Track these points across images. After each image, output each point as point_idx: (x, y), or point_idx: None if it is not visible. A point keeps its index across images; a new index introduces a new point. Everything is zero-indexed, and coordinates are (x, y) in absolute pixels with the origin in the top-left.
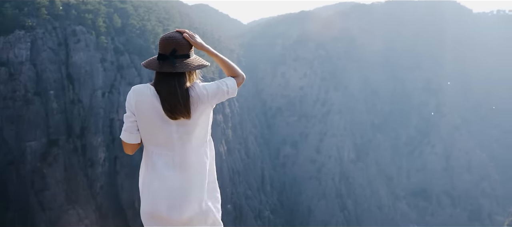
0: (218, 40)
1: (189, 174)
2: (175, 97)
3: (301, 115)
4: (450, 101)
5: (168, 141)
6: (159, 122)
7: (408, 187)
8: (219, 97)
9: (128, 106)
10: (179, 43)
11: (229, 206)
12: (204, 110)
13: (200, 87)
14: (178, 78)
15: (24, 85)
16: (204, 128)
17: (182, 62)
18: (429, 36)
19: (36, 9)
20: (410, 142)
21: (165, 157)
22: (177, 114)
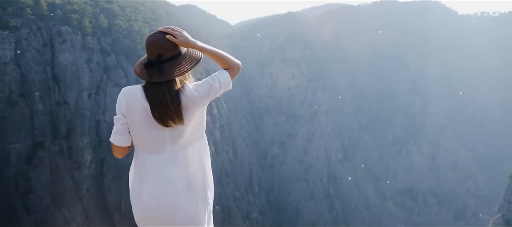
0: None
1: (180, 174)
2: (165, 104)
3: (288, 115)
4: (435, 101)
5: (159, 143)
6: (150, 125)
7: (395, 187)
8: (212, 95)
9: (119, 108)
10: (163, 46)
11: (217, 207)
12: (197, 111)
13: (191, 90)
14: (167, 84)
15: (8, 86)
16: (198, 125)
17: (170, 66)
18: (415, 37)
19: (21, 9)
20: (397, 142)
21: (156, 159)
22: (167, 122)
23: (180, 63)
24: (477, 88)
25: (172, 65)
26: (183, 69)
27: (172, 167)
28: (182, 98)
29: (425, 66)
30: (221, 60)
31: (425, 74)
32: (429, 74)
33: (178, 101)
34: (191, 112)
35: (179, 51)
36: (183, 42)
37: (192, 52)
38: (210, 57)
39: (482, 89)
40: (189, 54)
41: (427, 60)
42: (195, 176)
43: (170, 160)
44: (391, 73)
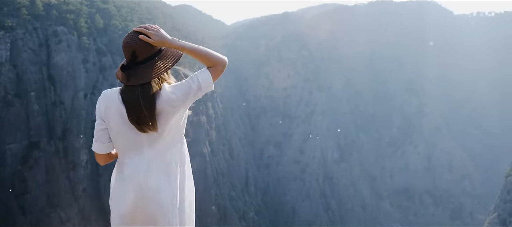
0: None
1: (159, 180)
2: (139, 108)
3: (285, 115)
4: (431, 101)
5: (137, 148)
6: (128, 130)
7: (391, 187)
8: (192, 97)
9: (98, 112)
10: (137, 47)
11: (214, 208)
12: (175, 114)
13: (168, 93)
14: (142, 87)
15: (4, 86)
16: (177, 129)
17: (146, 68)
18: (411, 37)
19: (16, 9)
20: (393, 142)
21: (134, 164)
22: (143, 126)
23: (156, 63)
24: (473, 88)
25: (148, 66)
26: (158, 71)
27: (151, 173)
28: (158, 102)
29: (421, 66)
30: (204, 57)
31: (421, 74)
32: (425, 74)
33: (152, 105)
34: (169, 116)
35: (156, 51)
36: (158, 42)
37: (171, 50)
38: (191, 55)
39: (478, 89)
40: (168, 53)
41: (423, 60)
42: (174, 183)
43: (148, 165)
44: (387, 73)
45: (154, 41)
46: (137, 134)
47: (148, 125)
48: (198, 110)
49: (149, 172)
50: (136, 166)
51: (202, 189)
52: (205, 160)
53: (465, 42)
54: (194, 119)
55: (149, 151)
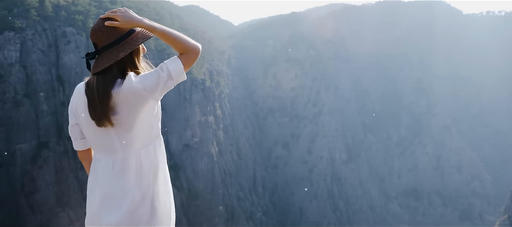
0: (209, 41)
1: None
2: (94, 100)
3: (292, 116)
4: (440, 101)
5: (109, 145)
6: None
7: (400, 187)
8: (161, 87)
9: (70, 108)
10: (96, 34)
11: (221, 208)
12: (142, 106)
13: (133, 82)
14: (98, 76)
15: (14, 86)
16: (150, 125)
17: (105, 55)
18: (420, 37)
19: (26, 10)
20: (401, 142)
21: (106, 162)
22: (99, 120)
23: (117, 50)
24: (482, 88)
25: (108, 53)
26: (112, 57)
27: (123, 173)
28: (117, 92)
29: (430, 66)
30: (174, 42)
31: (430, 74)
32: (434, 74)
33: (105, 96)
34: (135, 109)
35: (120, 36)
36: (125, 23)
37: (140, 34)
38: (162, 38)
39: (487, 88)
40: (134, 37)
41: (432, 59)
42: (145, 184)
43: (121, 165)
44: (395, 73)
45: (121, 22)
46: (105, 130)
47: (101, 119)
48: (205, 110)
49: (118, 173)
50: (105, 166)
51: (210, 189)
52: (213, 160)
53: (474, 41)
54: (202, 120)
55: (122, 150)
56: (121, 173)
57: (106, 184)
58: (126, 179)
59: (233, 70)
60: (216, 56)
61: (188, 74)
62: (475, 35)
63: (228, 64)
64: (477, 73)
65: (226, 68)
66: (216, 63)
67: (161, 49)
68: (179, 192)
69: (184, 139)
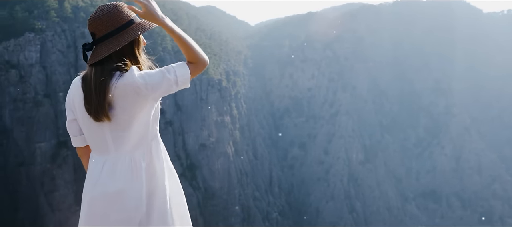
0: (225, 41)
1: (118, 181)
2: (91, 93)
3: (309, 116)
4: (460, 101)
5: (101, 143)
6: (90, 120)
7: (418, 188)
8: (165, 88)
9: (66, 103)
10: (95, 23)
11: (237, 208)
12: (141, 104)
13: (135, 76)
14: (96, 67)
15: (34, 87)
16: (147, 125)
17: (104, 45)
18: (438, 36)
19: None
20: (419, 143)
21: (99, 162)
22: (95, 114)
23: (116, 39)
24: (503, 88)
25: (107, 43)
26: (112, 46)
27: (116, 176)
28: (116, 85)
29: (448, 66)
30: (188, 49)
31: (449, 74)
32: (453, 74)
33: (102, 88)
34: (134, 106)
35: (120, 26)
36: (147, 14)
37: (141, 24)
38: (176, 41)
39: (508, 88)
40: (134, 27)
41: (451, 59)
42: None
43: (113, 166)
44: (413, 73)
45: (143, 12)
46: (99, 126)
47: (97, 113)
48: (222, 110)
49: (108, 174)
50: (100, 165)
51: (226, 189)
52: (229, 160)
53: (495, 41)
54: (218, 120)
55: (115, 149)
56: (111, 175)
57: (96, 186)
58: (116, 181)
59: (250, 70)
60: (232, 56)
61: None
62: (495, 34)
63: (244, 64)
64: (498, 73)
65: (242, 68)
66: (233, 63)
67: (178, 50)
68: (196, 191)
69: (200, 139)
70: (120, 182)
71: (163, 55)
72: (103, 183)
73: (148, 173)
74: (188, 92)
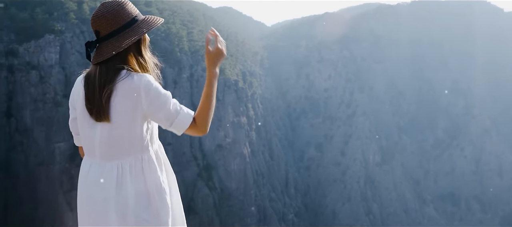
0: (242, 42)
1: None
2: (93, 92)
3: (325, 117)
4: (479, 102)
5: (90, 144)
6: (86, 120)
7: (436, 191)
8: (160, 117)
9: (70, 101)
10: (99, 21)
11: (253, 208)
12: (134, 112)
13: (145, 81)
14: (101, 66)
15: (54, 87)
16: (135, 136)
17: (109, 43)
18: (457, 36)
19: (65, 13)
20: (438, 144)
21: (87, 163)
22: (96, 115)
23: (122, 38)
24: None
25: (113, 41)
26: (117, 45)
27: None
28: (119, 84)
29: (468, 66)
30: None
31: (468, 74)
32: (472, 74)
33: (106, 87)
34: (129, 109)
35: (125, 24)
36: (215, 52)
37: (146, 22)
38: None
39: None
40: (139, 25)
41: (470, 59)
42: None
43: (98, 172)
44: (431, 73)
45: (213, 50)
46: (92, 127)
47: (101, 111)
48: (238, 111)
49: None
50: (87, 168)
51: (242, 189)
52: (245, 161)
53: None
54: (235, 120)
55: (99, 153)
56: (95, 179)
57: (84, 188)
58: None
59: (266, 71)
60: (248, 57)
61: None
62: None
63: (260, 65)
64: None
65: (258, 69)
66: (249, 64)
67: (195, 50)
68: (212, 192)
69: (217, 140)
70: (105, 190)
71: (180, 56)
72: (89, 188)
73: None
74: None
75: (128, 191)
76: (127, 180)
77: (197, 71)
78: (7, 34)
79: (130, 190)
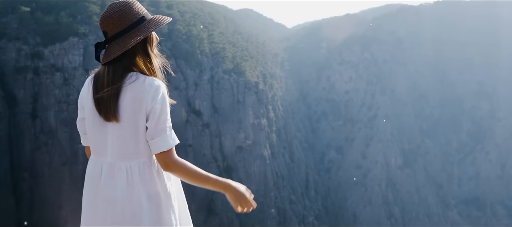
0: (262, 44)
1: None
2: (101, 89)
3: (346, 119)
4: (505, 105)
5: (101, 143)
6: (96, 120)
7: (460, 195)
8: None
9: (78, 101)
10: (106, 22)
11: (273, 211)
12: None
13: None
14: (109, 67)
15: (77, 89)
16: (140, 137)
17: (116, 44)
18: (482, 37)
19: (89, 17)
20: (462, 148)
21: (93, 164)
22: (105, 114)
23: (128, 37)
24: None
25: (119, 42)
26: (123, 45)
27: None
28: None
29: (493, 68)
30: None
31: (494, 76)
32: (498, 77)
33: (114, 87)
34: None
35: (132, 24)
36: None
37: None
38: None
39: None
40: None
41: (496, 61)
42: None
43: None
44: (455, 75)
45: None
46: (102, 127)
47: (109, 111)
48: (258, 113)
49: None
50: (92, 169)
51: (262, 191)
52: (265, 163)
53: None
54: (255, 122)
55: (111, 154)
56: (111, 181)
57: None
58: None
59: (286, 73)
60: (269, 59)
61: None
62: None
63: (281, 67)
64: None
65: (279, 71)
66: (270, 66)
67: (216, 52)
68: None
69: (237, 142)
70: (118, 190)
71: (200, 58)
72: (104, 189)
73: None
74: (225, 95)
75: (140, 193)
76: (138, 182)
77: (217, 73)
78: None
79: (142, 192)
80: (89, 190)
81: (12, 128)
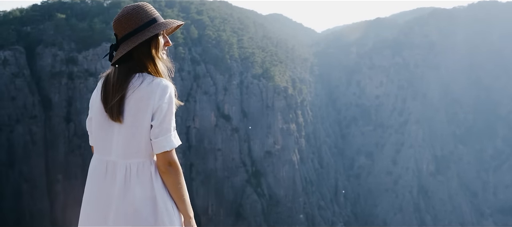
0: (292, 49)
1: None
2: (109, 91)
3: (377, 124)
4: None
5: (107, 142)
6: (103, 120)
7: (495, 204)
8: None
9: (90, 101)
10: (116, 24)
11: (301, 216)
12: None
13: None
14: (116, 67)
15: None
16: (144, 137)
17: (123, 46)
18: None
19: None
20: (498, 155)
21: (96, 163)
22: (111, 113)
23: (135, 39)
24: None
25: (127, 43)
26: (126, 47)
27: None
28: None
29: None
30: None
31: None
32: None
33: (119, 87)
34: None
35: (138, 27)
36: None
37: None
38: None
39: None
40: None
41: None
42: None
43: (114, 170)
44: (490, 80)
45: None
46: (109, 126)
47: (114, 110)
48: (288, 118)
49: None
50: (97, 166)
51: (290, 196)
52: (294, 168)
53: None
54: (284, 127)
55: (116, 153)
56: (112, 178)
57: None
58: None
59: (316, 78)
60: (298, 63)
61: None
62: None
63: (310, 71)
64: None
65: (308, 76)
66: (299, 70)
67: (245, 57)
68: (260, 198)
69: (266, 146)
70: (116, 189)
71: (230, 63)
72: (105, 188)
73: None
74: (255, 99)
75: (136, 193)
76: (135, 181)
77: (247, 77)
78: (68, 43)
79: (137, 193)
80: (91, 189)
81: (47, 131)
